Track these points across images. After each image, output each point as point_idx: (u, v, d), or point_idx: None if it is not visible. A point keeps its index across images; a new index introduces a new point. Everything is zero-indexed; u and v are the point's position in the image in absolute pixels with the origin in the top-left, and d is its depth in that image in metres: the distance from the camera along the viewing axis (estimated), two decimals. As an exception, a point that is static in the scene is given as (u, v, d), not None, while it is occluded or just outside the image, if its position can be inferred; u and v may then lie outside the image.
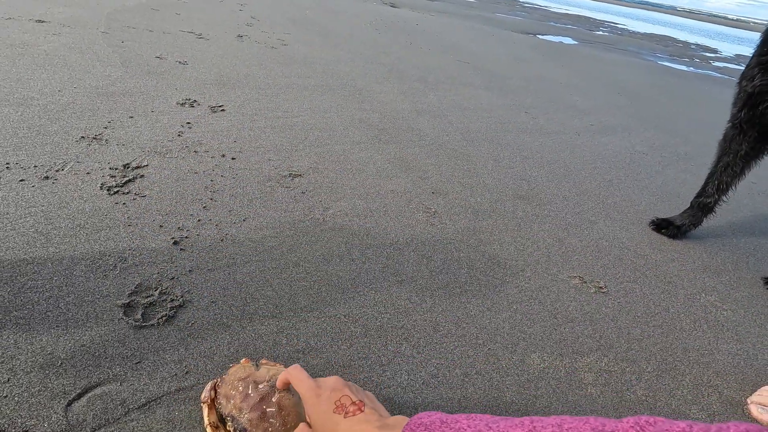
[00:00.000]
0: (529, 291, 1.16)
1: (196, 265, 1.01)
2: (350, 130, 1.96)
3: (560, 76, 4.22)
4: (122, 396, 0.71)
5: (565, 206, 1.67)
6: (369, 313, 0.98)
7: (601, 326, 1.09)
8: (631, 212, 1.74)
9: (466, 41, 5.09)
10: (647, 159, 2.41)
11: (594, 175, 2.03)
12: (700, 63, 7.92)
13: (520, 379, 0.89)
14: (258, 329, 0.88)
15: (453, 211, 1.47)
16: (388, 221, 1.34)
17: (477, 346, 0.95)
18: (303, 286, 1.02)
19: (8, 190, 1.13)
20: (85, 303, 0.86)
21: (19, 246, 0.96)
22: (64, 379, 0.72)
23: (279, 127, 1.84)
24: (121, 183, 1.26)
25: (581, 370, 0.94)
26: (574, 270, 1.29)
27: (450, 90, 2.94)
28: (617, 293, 1.23)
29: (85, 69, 2.02)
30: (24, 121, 1.47)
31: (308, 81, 2.52)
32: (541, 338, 1.01)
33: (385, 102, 2.44)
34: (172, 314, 0.87)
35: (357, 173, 1.59)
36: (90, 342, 0.78)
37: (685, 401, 0.93)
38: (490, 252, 1.29)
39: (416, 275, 1.13)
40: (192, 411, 0.71)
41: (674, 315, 1.19)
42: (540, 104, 3.05)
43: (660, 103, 3.96)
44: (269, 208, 1.28)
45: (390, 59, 3.46)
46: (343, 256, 1.14)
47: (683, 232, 1.62)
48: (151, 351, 0.79)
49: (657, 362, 1.01)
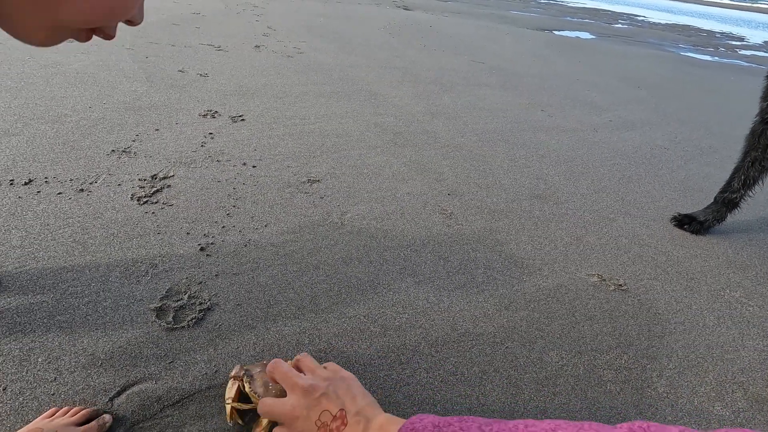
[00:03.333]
0: (547, 289, 1.17)
1: (222, 269, 1.06)
2: (366, 134, 2.00)
3: (577, 72, 4.16)
4: (158, 393, 0.76)
5: (583, 204, 1.67)
6: (388, 313, 1.01)
7: (620, 324, 1.08)
8: (651, 208, 1.72)
9: (480, 41, 5.07)
10: (669, 154, 2.36)
11: (613, 172, 2.00)
12: (726, 52, 7.66)
13: (539, 377, 0.90)
14: (281, 330, 0.92)
15: (469, 211, 1.49)
16: (405, 223, 1.36)
17: (495, 344, 0.97)
18: (323, 288, 1.05)
19: (48, 203, 1.21)
20: (121, 307, 0.91)
21: (60, 255, 1.03)
22: (105, 378, 0.77)
23: (297, 134, 1.89)
24: (150, 193, 1.32)
25: (600, 368, 0.95)
26: (592, 268, 1.29)
27: (465, 91, 2.95)
28: (637, 290, 1.22)
29: (113, 85, 2.12)
30: (59, 137, 1.56)
31: (324, 88, 2.57)
32: (559, 336, 1.02)
33: (400, 105, 2.47)
34: (201, 317, 0.92)
35: (373, 177, 1.62)
36: (126, 343, 0.84)
37: (708, 398, 0.92)
38: (507, 252, 1.30)
39: (434, 276, 1.15)
40: (222, 408, 0.75)
41: (697, 312, 1.17)
42: (556, 102, 3.02)
43: (682, 95, 3.86)
44: (289, 214, 1.33)
45: (404, 62, 3.49)
46: (362, 259, 1.17)
47: (706, 227, 1.59)
48: (183, 351, 0.84)
49: (679, 359, 1.00)
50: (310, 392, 0.57)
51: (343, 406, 0.55)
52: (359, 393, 0.58)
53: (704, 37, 9.76)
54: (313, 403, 0.56)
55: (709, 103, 3.71)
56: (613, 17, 12.29)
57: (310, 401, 0.56)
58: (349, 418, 0.53)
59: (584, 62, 4.77)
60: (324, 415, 0.54)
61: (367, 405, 0.56)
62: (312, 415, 0.55)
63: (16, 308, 0.88)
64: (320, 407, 0.55)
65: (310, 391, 0.57)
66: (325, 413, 0.55)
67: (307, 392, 0.57)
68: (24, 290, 0.92)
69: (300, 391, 0.58)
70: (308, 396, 0.57)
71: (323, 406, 0.55)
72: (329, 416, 0.54)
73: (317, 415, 0.55)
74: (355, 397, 0.57)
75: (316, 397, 0.56)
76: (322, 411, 0.55)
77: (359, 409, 0.55)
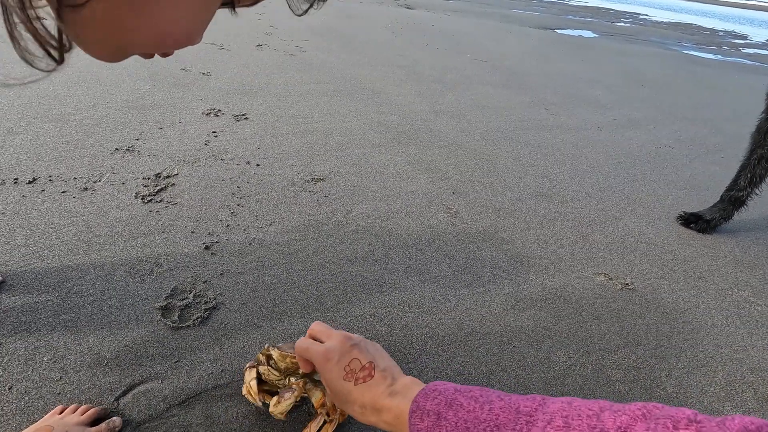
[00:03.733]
0: (554, 289, 1.16)
1: (227, 268, 1.06)
2: (369, 133, 1.99)
3: (580, 70, 4.15)
4: (164, 393, 0.75)
5: (589, 203, 1.66)
6: (394, 312, 1.00)
7: (628, 323, 1.08)
8: (657, 207, 1.71)
9: (482, 39, 5.06)
10: (674, 152, 2.35)
11: (618, 171, 1.99)
12: (729, 50, 7.63)
13: (546, 376, 0.89)
14: (287, 329, 0.92)
15: (474, 210, 1.48)
16: (409, 222, 1.36)
17: (502, 343, 0.96)
18: (329, 287, 1.05)
19: (52, 202, 1.20)
20: (126, 306, 0.91)
21: (64, 253, 1.03)
22: (111, 377, 0.76)
23: (300, 133, 1.88)
24: (154, 192, 1.32)
25: (609, 367, 0.94)
26: (599, 267, 1.28)
27: (468, 89, 2.94)
28: (644, 290, 1.21)
29: (116, 84, 2.12)
30: (63, 136, 1.56)
31: (327, 86, 2.56)
32: (566, 335, 1.01)
33: (403, 104, 2.46)
34: (206, 316, 0.91)
35: (377, 176, 1.61)
36: (132, 342, 0.83)
37: (717, 398, 0.91)
38: (513, 250, 1.29)
39: (439, 274, 1.14)
40: (229, 407, 0.74)
41: (705, 311, 1.16)
42: (560, 100, 3.01)
43: (686, 93, 3.84)
44: (294, 212, 1.32)
45: (407, 61, 3.48)
46: (367, 257, 1.17)
47: (713, 226, 1.58)
48: (188, 351, 0.83)
49: (687, 359, 1.00)
50: (345, 340, 0.60)
51: (373, 360, 0.58)
52: (386, 356, 0.61)
53: (707, 36, 9.73)
54: (346, 350, 0.58)
55: (713, 101, 3.69)
56: (616, 15, 12.25)
57: (344, 348, 0.59)
58: (376, 372, 0.56)
59: (587, 60, 4.75)
60: (354, 363, 0.57)
61: (394, 366, 0.59)
62: (343, 361, 0.57)
63: (21, 307, 0.87)
64: (351, 355, 0.58)
65: (346, 339, 0.60)
66: (355, 361, 0.57)
67: (344, 339, 0.60)
68: (29, 289, 0.92)
69: (338, 336, 0.62)
70: (344, 343, 0.60)
71: (354, 354, 0.58)
72: (358, 365, 0.57)
73: (347, 361, 0.57)
74: (383, 356, 0.60)
75: (350, 346, 0.59)
76: (353, 359, 0.57)
77: (386, 366, 0.57)
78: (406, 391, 0.52)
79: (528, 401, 0.44)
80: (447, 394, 0.48)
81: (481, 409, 0.45)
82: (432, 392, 0.49)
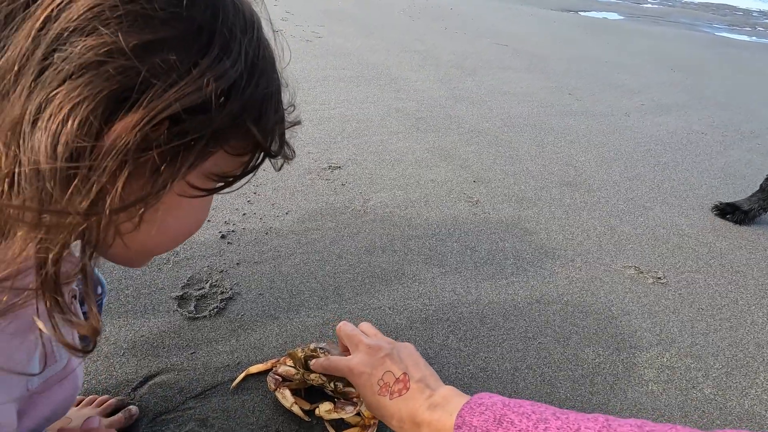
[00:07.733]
0: (581, 282, 1.11)
1: (243, 258, 1.04)
2: (387, 120, 1.94)
3: (605, 54, 3.99)
4: (180, 384, 0.74)
5: (617, 192, 1.58)
6: (413, 305, 0.97)
7: (661, 319, 1.02)
8: (690, 197, 1.62)
9: (503, 23, 4.90)
10: (707, 139, 2.23)
11: (647, 158, 1.90)
12: (765, 32, 7.24)
13: (574, 374, 0.85)
14: (305, 321, 0.89)
15: (496, 199, 1.43)
16: (429, 211, 1.31)
17: (527, 339, 0.92)
18: (347, 277, 1.02)
19: (70, 189, 1.20)
20: (142, 296, 0.90)
21: (82, 241, 1.02)
22: (127, 368, 0.75)
23: (317, 120, 1.84)
24: (171, 179, 1.31)
25: (641, 366, 0.89)
26: (628, 259, 1.22)
27: (488, 74, 2.85)
28: (678, 284, 1.15)
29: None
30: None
31: (344, 72, 2.51)
32: (595, 332, 0.96)
33: (422, 90, 2.39)
34: (222, 306, 0.90)
35: (396, 163, 1.57)
36: (149, 333, 0.82)
37: (759, 401, 0.85)
38: (537, 241, 1.24)
39: (460, 266, 1.10)
40: (245, 400, 0.73)
41: (744, 307, 1.10)
42: (585, 85, 2.89)
43: (719, 77, 3.66)
44: (310, 201, 1.29)
45: (425, 46, 3.39)
46: (386, 248, 1.13)
47: (751, 217, 1.49)
48: (205, 342, 0.82)
49: (726, 358, 0.94)
50: (374, 351, 0.56)
51: (406, 371, 0.54)
52: (421, 362, 0.57)
53: (740, 16, 9.26)
54: (378, 362, 0.55)
55: (749, 86, 3.50)
56: (643, -3, 11.73)
57: (374, 360, 0.55)
58: (411, 384, 0.52)
59: (612, 44, 4.57)
60: (387, 376, 0.54)
61: (430, 374, 0.55)
62: (375, 374, 0.54)
63: (40, 295, 0.87)
64: (384, 367, 0.54)
65: (375, 350, 0.57)
66: (388, 374, 0.54)
67: (372, 351, 0.57)
68: (47, 277, 0.91)
69: (365, 348, 0.58)
70: (373, 355, 0.56)
71: (387, 366, 0.54)
72: (392, 377, 0.53)
73: (381, 374, 0.54)
74: (417, 363, 0.56)
75: (380, 357, 0.56)
76: (386, 372, 0.54)
77: (422, 376, 0.54)
78: (446, 403, 0.49)
79: (590, 422, 0.40)
80: (495, 408, 0.44)
81: (535, 428, 0.41)
82: (478, 406, 0.45)
